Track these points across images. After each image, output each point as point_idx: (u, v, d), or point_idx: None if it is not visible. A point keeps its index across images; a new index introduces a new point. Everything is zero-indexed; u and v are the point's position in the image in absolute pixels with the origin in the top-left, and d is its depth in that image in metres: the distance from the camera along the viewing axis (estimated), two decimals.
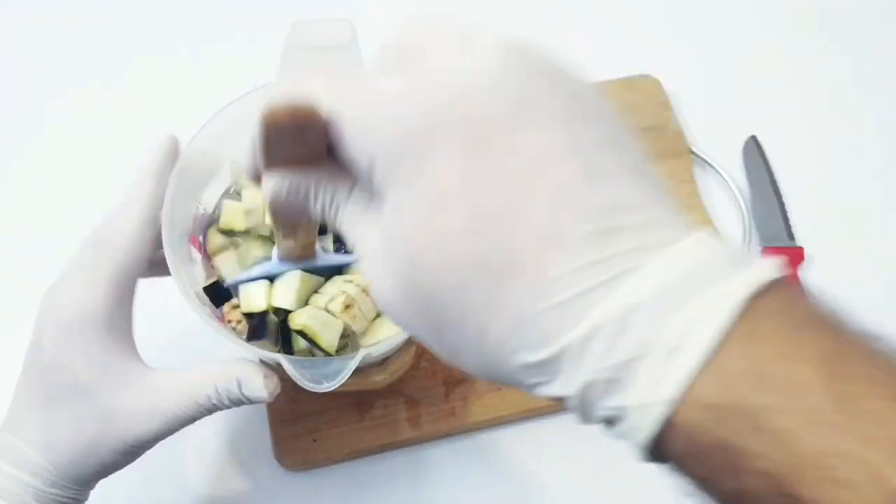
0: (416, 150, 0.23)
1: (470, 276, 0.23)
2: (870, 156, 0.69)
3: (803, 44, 0.76)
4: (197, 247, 0.46)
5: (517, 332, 0.23)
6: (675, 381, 0.21)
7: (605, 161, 0.23)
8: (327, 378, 0.39)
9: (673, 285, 0.21)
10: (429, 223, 0.23)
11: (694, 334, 0.21)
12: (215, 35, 0.74)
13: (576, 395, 0.23)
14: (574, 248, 0.22)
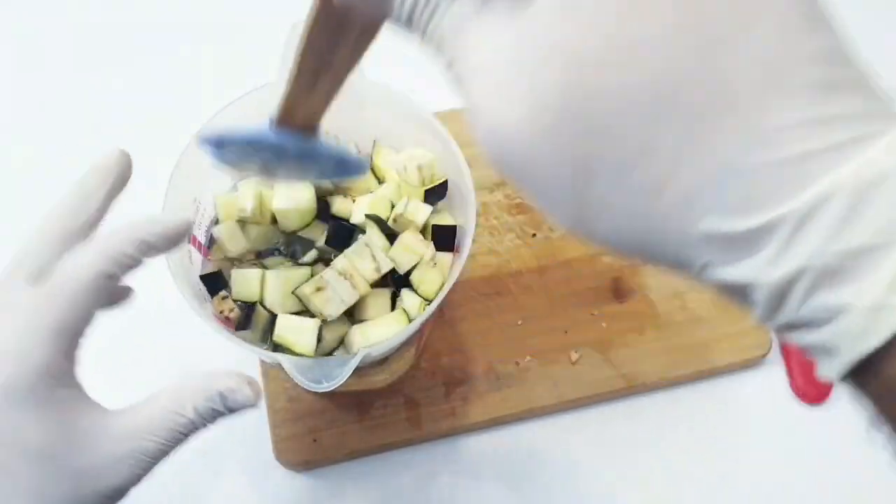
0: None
1: (664, 106, 0.18)
2: None
3: None
4: (196, 246, 0.46)
5: (714, 189, 0.18)
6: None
7: (817, 7, 0.19)
8: (327, 378, 0.39)
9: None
10: (619, 26, 0.18)
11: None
12: (215, 35, 0.74)
13: (775, 283, 0.18)
14: (799, 97, 0.17)
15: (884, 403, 0.18)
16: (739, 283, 0.18)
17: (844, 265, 0.17)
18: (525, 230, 0.62)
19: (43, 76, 0.71)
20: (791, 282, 0.18)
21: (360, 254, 0.43)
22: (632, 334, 0.58)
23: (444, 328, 0.58)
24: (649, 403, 0.57)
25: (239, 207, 0.46)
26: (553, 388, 0.56)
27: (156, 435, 0.33)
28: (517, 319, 0.59)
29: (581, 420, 0.57)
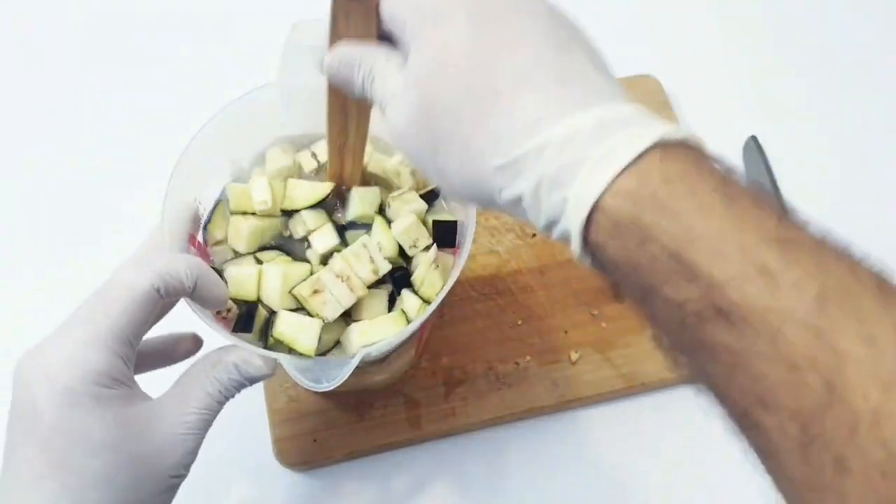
0: (436, 14, 0.32)
1: (463, 98, 0.31)
2: (870, 156, 0.69)
3: (803, 44, 0.76)
4: (196, 246, 0.46)
5: (493, 143, 0.30)
6: (603, 177, 0.27)
7: (573, 47, 0.31)
8: (327, 378, 0.39)
9: (611, 120, 0.28)
10: (439, 59, 0.31)
11: (621, 149, 0.27)
12: (215, 36, 0.74)
13: (530, 190, 0.29)
14: (542, 88, 0.30)
15: (607, 272, 0.29)
16: (516, 196, 0.30)
17: (560, 176, 0.28)
18: (525, 230, 0.62)
19: (43, 76, 0.71)
20: (537, 189, 0.29)
21: (357, 255, 0.43)
22: (632, 334, 0.58)
23: (444, 328, 0.58)
24: (649, 403, 0.57)
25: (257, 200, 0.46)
26: (553, 388, 0.56)
27: (195, 410, 0.38)
28: (517, 319, 0.59)
29: (581, 420, 0.57)
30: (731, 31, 0.76)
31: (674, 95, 0.70)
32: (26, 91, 0.71)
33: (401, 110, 0.33)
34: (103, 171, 0.66)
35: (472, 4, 0.32)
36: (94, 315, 0.36)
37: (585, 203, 0.27)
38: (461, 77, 0.31)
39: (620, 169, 0.27)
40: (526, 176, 0.29)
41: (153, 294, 0.37)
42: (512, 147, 0.29)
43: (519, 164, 0.29)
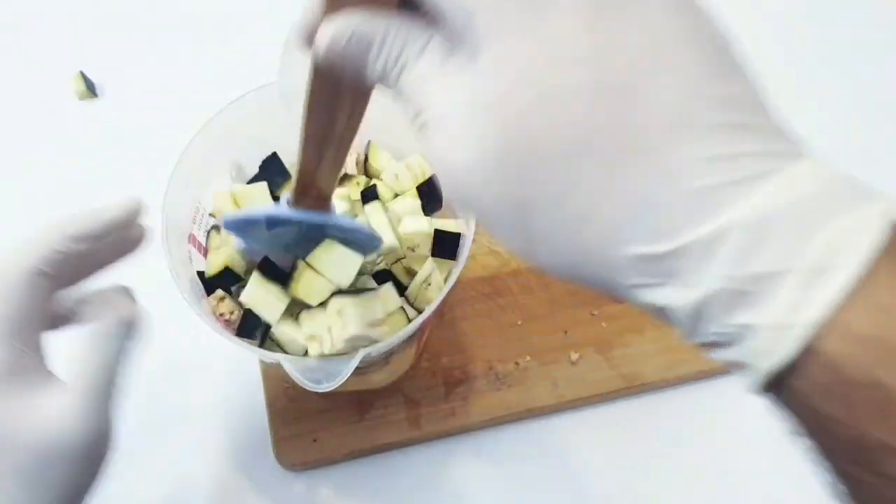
0: (535, 1, 0.21)
1: (586, 148, 0.20)
2: (870, 156, 0.69)
3: (803, 44, 0.76)
4: (196, 246, 0.46)
5: (633, 220, 0.20)
6: (823, 303, 0.18)
7: (727, 53, 0.22)
8: (327, 378, 0.39)
9: (812, 199, 0.19)
10: (545, 81, 0.21)
11: (842, 255, 0.18)
12: (214, 36, 0.74)
13: (691, 305, 0.20)
14: (706, 137, 0.20)
15: (798, 416, 0.21)
16: (660, 305, 0.21)
17: (748, 289, 0.19)
18: None
19: (43, 76, 0.71)
20: (704, 304, 0.20)
21: (354, 340, 0.42)
22: (632, 334, 0.58)
23: (444, 328, 0.58)
24: (649, 403, 0.57)
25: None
26: (553, 388, 0.56)
27: (89, 385, 0.34)
28: (517, 319, 0.59)
29: (581, 420, 0.57)
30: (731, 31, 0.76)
31: None
32: (26, 91, 0.71)
33: (464, 143, 0.22)
34: (103, 171, 0.66)
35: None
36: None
37: (790, 341, 0.19)
38: (581, 112, 0.20)
39: (846, 292, 0.18)
40: (686, 280, 0.20)
41: (39, 278, 0.34)
42: (669, 232, 0.20)
43: (677, 258, 0.20)
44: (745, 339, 0.20)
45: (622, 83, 0.20)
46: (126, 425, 0.55)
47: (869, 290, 0.18)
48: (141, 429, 0.55)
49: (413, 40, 0.24)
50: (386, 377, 0.54)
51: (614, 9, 0.21)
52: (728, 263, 0.19)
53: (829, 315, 0.18)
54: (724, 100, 0.21)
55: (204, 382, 0.57)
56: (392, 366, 0.52)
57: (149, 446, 0.55)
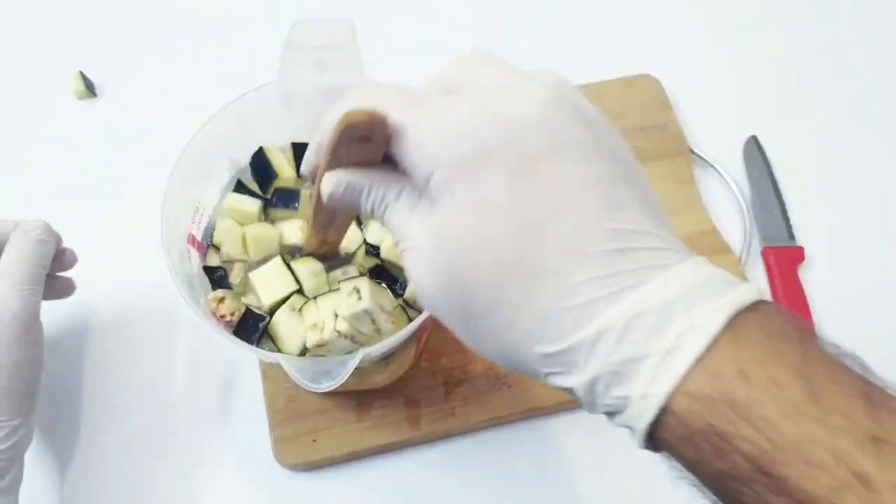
0: (472, 167, 0.28)
1: (506, 275, 0.27)
2: (870, 156, 0.69)
3: (803, 44, 0.76)
4: (196, 246, 0.46)
5: (540, 327, 0.27)
6: (672, 376, 0.25)
7: (623, 194, 0.28)
8: (327, 378, 0.39)
9: (671, 300, 0.25)
10: (478, 228, 0.28)
11: (688, 339, 0.25)
12: (214, 36, 0.74)
13: (584, 386, 0.26)
14: (594, 262, 0.26)
15: (674, 457, 0.27)
16: (567, 387, 0.27)
17: (621, 370, 0.25)
18: None
19: (43, 76, 0.71)
20: (592, 384, 0.26)
21: (360, 319, 0.43)
22: None
23: (444, 328, 0.58)
24: None
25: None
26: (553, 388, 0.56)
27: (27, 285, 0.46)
28: None
29: (581, 420, 0.57)
30: (731, 32, 0.76)
31: (674, 95, 0.70)
32: (25, 91, 0.71)
33: (426, 270, 0.30)
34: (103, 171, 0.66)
35: (508, 156, 0.27)
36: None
37: (650, 406, 0.25)
38: (502, 250, 0.27)
39: (689, 366, 0.24)
40: (579, 368, 0.26)
41: None
42: (561, 335, 0.26)
43: (570, 354, 0.26)
44: (625, 407, 0.26)
45: (532, 226, 0.27)
46: (126, 425, 0.55)
47: (708, 361, 0.24)
48: (141, 429, 0.55)
49: (391, 189, 0.31)
50: (386, 377, 0.54)
51: (530, 167, 0.27)
52: (604, 354, 0.26)
53: (677, 384, 0.25)
54: (614, 231, 0.27)
55: (204, 382, 0.57)
56: (392, 366, 0.52)
57: (149, 446, 0.55)
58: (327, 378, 0.39)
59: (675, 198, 0.65)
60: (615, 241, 0.27)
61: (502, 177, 0.27)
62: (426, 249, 0.29)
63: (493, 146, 0.28)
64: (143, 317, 0.59)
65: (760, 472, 0.24)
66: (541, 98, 0.28)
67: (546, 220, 0.27)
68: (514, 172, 0.27)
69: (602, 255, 0.26)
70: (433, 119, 0.29)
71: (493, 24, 0.76)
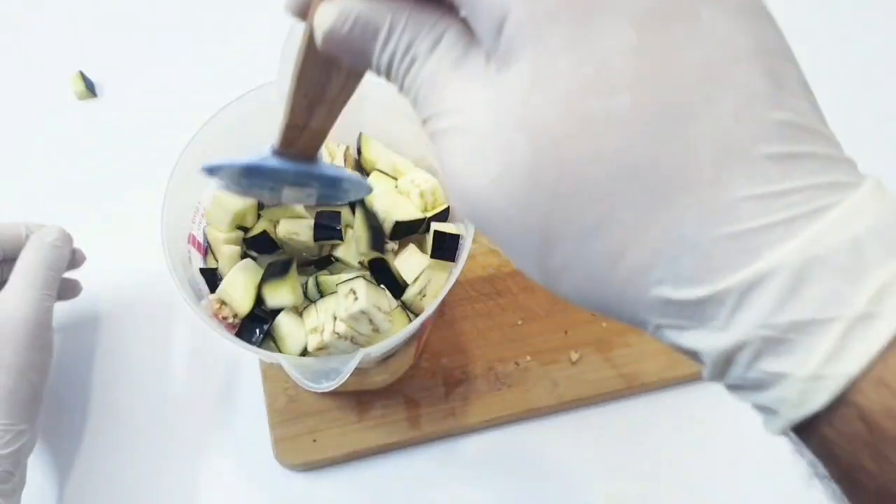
0: (581, 11, 0.18)
1: (625, 183, 0.19)
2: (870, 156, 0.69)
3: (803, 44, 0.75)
4: (196, 246, 0.46)
5: (668, 262, 0.19)
6: (863, 355, 0.17)
7: (787, 70, 0.20)
8: (327, 378, 0.39)
9: (864, 239, 0.18)
10: (589, 106, 0.18)
11: (887, 301, 0.17)
12: (214, 36, 0.74)
13: (720, 352, 0.19)
14: (758, 171, 0.18)
15: (822, 460, 0.19)
16: (689, 348, 0.20)
17: (785, 337, 0.18)
18: None
19: (43, 76, 0.71)
20: (735, 350, 0.19)
21: (357, 320, 0.43)
22: (632, 334, 0.58)
23: (444, 328, 0.58)
24: (649, 403, 0.57)
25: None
26: (553, 388, 0.56)
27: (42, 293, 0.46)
28: (517, 319, 0.59)
29: (581, 420, 0.57)
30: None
31: None
32: (26, 91, 0.71)
33: (486, 166, 0.20)
34: (103, 171, 0.66)
35: (642, 1, 0.19)
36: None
37: (823, 392, 0.18)
38: (622, 138, 0.18)
39: (886, 344, 0.17)
40: (718, 326, 0.19)
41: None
42: (702, 277, 0.18)
43: (710, 305, 0.19)
44: (776, 385, 0.19)
45: (673, 110, 0.18)
46: (126, 425, 0.55)
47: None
48: (141, 428, 0.55)
49: (426, 32, 0.21)
50: (386, 377, 0.54)
51: (675, 19, 0.19)
52: (766, 311, 0.18)
53: (869, 365, 0.17)
54: (782, 125, 0.19)
55: (204, 382, 0.57)
56: (392, 366, 0.52)
57: (149, 446, 0.55)
58: (327, 378, 0.39)
59: None
60: (785, 140, 0.18)
61: (628, 28, 0.18)
62: (488, 133, 0.20)
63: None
64: (144, 317, 0.59)
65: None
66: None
67: (693, 101, 0.18)
68: (645, 24, 0.18)
69: (771, 160, 0.18)
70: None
71: None
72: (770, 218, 0.18)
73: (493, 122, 0.20)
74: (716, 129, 0.18)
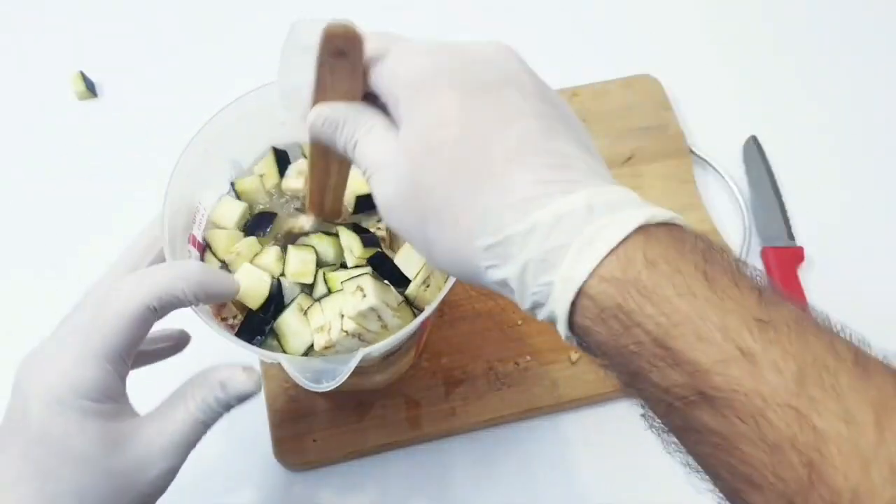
0: (431, 88, 0.32)
1: (455, 176, 0.31)
2: (870, 155, 0.69)
3: (803, 44, 0.76)
4: (196, 246, 0.46)
5: (482, 221, 0.30)
6: (589, 261, 0.28)
7: (560, 129, 0.32)
8: (327, 378, 0.39)
9: (594, 206, 0.29)
10: (430, 134, 0.31)
11: (606, 232, 0.28)
12: (214, 36, 0.74)
13: (517, 274, 0.30)
14: (532, 170, 0.30)
15: (592, 352, 0.29)
16: (502, 278, 0.30)
17: (547, 259, 0.29)
18: None
19: (43, 76, 0.71)
20: (523, 272, 0.29)
21: (367, 317, 0.43)
22: None
23: (444, 328, 0.58)
24: None
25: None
26: (553, 388, 0.56)
27: (176, 431, 0.38)
28: (517, 319, 0.59)
29: (581, 420, 0.57)
30: (732, 31, 0.76)
31: (674, 95, 0.70)
32: (26, 91, 0.71)
33: (389, 181, 0.33)
34: (103, 171, 0.66)
35: (463, 79, 0.31)
36: (89, 330, 0.37)
37: (570, 288, 0.28)
38: (453, 153, 0.31)
39: (605, 253, 0.27)
40: (513, 258, 0.29)
41: (149, 313, 0.37)
42: (500, 228, 0.29)
43: (506, 245, 0.29)
44: (550, 294, 0.29)
45: (481, 138, 0.30)
46: None
47: (621, 251, 0.28)
48: None
49: (362, 123, 0.35)
50: (387, 377, 0.54)
51: (481, 90, 0.31)
52: (535, 244, 0.29)
53: (594, 267, 0.28)
54: (550, 150, 0.30)
55: None
56: (392, 366, 0.52)
57: None
58: (327, 378, 0.39)
59: (675, 198, 0.65)
60: (552, 157, 0.30)
61: (457, 96, 0.31)
62: (391, 167, 0.33)
63: (452, 70, 0.32)
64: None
65: (658, 346, 0.26)
66: (498, 48, 0.33)
67: (492, 132, 0.30)
68: (467, 94, 0.31)
69: (539, 166, 0.30)
70: (405, 49, 0.33)
71: (493, 23, 0.76)
72: (536, 192, 0.29)
73: (393, 160, 0.33)
74: (506, 146, 0.30)
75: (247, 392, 0.39)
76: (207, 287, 0.39)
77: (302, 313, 0.44)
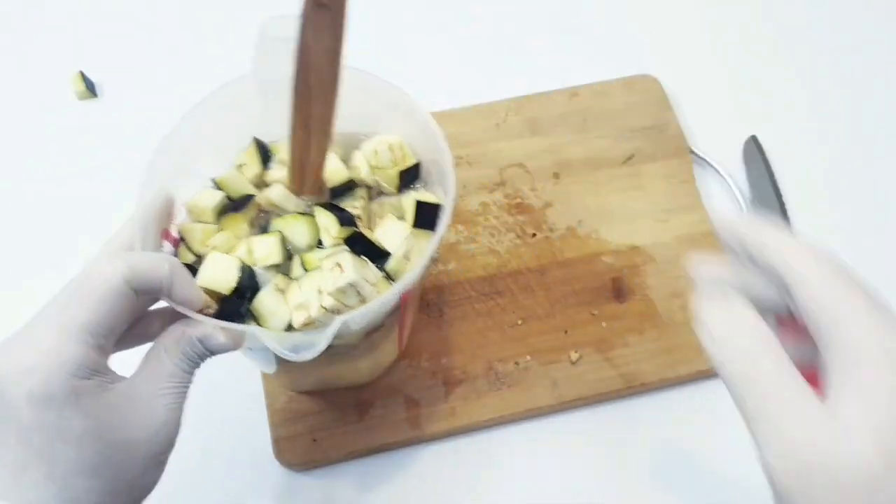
0: None
1: None
2: (870, 155, 0.69)
3: (803, 44, 0.76)
4: (170, 240, 0.46)
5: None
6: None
7: None
8: (305, 347, 0.39)
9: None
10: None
11: None
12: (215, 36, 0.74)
13: None
14: None
15: None
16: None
17: None
18: (525, 230, 0.62)
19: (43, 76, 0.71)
20: None
21: (346, 293, 0.42)
22: (632, 334, 0.58)
23: (444, 328, 0.58)
24: (649, 403, 0.57)
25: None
26: (553, 388, 0.56)
27: (169, 386, 0.38)
28: (517, 319, 0.59)
29: (581, 420, 0.57)
30: (732, 31, 0.76)
31: (674, 95, 0.70)
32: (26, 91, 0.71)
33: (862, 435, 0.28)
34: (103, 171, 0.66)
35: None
36: (68, 307, 0.35)
37: None
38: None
39: None
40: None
41: (126, 288, 0.36)
42: None
43: None
44: None
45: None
46: None
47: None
48: None
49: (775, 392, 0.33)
50: (371, 366, 0.53)
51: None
52: None
53: None
54: None
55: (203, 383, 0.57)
56: (376, 349, 0.51)
57: None
58: (305, 347, 0.39)
59: (675, 198, 0.65)
60: None
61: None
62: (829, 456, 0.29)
63: None
64: None
65: None
66: None
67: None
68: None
69: None
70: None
71: (492, 23, 0.76)
72: None
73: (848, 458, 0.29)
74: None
75: (226, 348, 0.40)
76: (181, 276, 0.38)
77: (279, 293, 0.43)
